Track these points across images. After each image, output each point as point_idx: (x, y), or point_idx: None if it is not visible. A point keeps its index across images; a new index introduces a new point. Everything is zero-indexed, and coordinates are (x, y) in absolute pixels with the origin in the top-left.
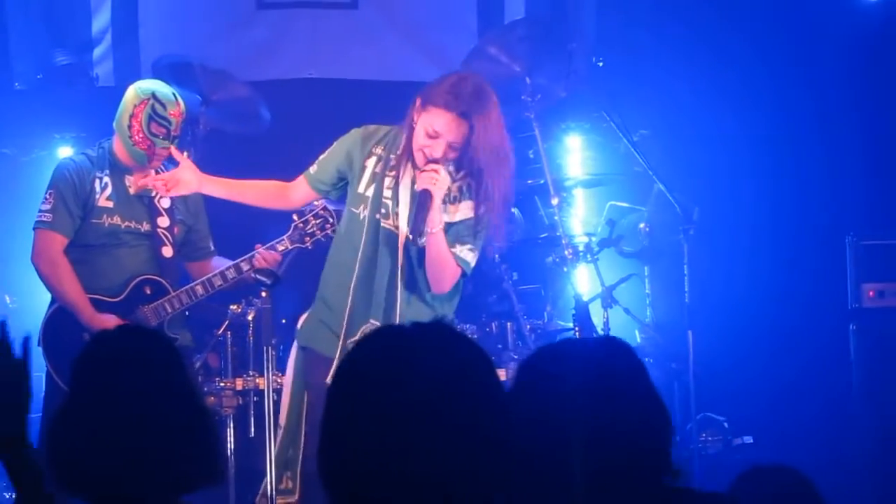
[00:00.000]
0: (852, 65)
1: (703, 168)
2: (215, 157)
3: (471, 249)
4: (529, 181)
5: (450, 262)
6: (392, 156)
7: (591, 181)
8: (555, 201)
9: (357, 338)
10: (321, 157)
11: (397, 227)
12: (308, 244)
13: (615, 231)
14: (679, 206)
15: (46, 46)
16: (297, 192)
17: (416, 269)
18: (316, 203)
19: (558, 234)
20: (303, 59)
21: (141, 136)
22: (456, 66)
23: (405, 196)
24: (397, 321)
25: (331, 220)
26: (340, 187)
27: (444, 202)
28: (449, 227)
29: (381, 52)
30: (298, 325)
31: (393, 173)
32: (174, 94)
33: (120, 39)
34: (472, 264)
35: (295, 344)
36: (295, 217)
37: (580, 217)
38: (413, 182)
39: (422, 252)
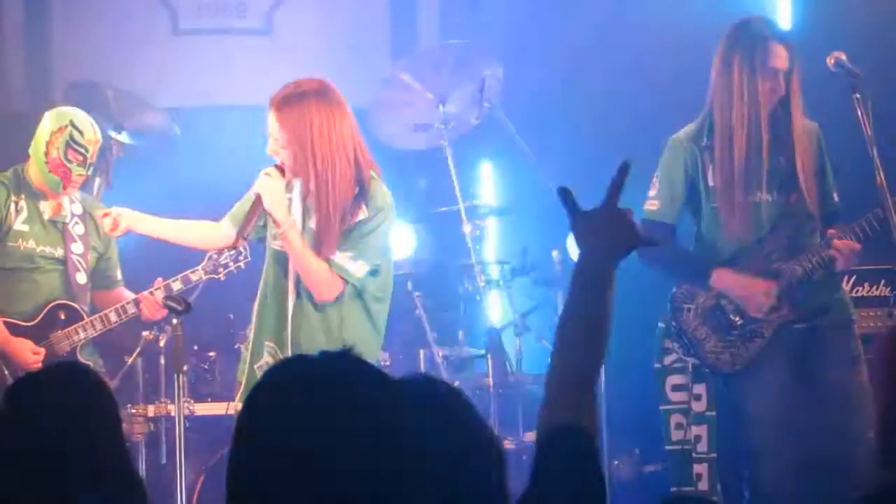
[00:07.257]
0: None
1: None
2: (128, 183)
3: (352, 257)
4: (443, 209)
5: (313, 264)
6: None
7: (504, 209)
8: (467, 229)
9: (260, 363)
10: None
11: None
12: (221, 275)
13: (528, 258)
14: None
15: None
16: (222, 232)
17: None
18: None
19: (471, 261)
20: (217, 84)
21: (57, 162)
22: (369, 91)
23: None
24: (288, 334)
25: (244, 252)
26: (259, 227)
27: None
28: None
29: (294, 79)
30: None
31: None
32: (91, 123)
33: (33, 64)
34: (355, 272)
35: None
36: None
37: (493, 244)
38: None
39: None
